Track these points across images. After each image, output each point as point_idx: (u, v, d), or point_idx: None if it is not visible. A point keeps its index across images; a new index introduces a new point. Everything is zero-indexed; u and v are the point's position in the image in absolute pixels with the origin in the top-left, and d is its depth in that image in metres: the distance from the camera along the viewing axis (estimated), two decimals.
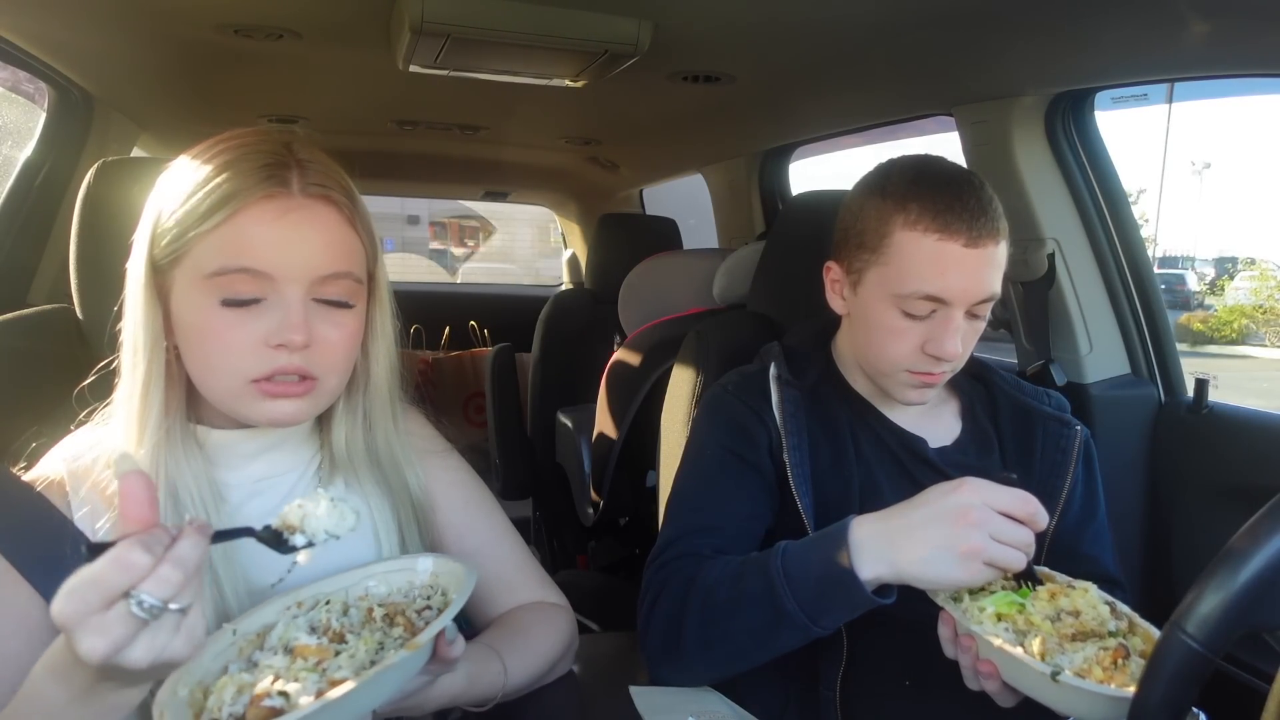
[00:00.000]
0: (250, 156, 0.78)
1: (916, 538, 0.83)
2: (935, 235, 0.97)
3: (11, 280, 1.75)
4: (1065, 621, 0.81)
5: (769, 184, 2.53)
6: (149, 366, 0.79)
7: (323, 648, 0.72)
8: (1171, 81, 1.33)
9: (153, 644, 0.57)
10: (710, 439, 1.12)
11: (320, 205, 0.80)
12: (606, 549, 2.34)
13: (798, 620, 0.88)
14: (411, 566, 0.85)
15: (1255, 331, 13.11)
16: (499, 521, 1.03)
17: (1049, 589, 0.85)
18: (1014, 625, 0.81)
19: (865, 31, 1.28)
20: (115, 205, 1.04)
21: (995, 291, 1.00)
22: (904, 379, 1.03)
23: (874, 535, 0.86)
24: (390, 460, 0.93)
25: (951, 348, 0.98)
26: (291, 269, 0.77)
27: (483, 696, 0.86)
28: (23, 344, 1.14)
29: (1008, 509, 0.81)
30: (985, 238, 0.97)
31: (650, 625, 1.02)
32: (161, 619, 0.57)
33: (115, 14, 1.35)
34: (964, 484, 0.83)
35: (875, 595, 0.85)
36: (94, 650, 0.55)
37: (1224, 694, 0.79)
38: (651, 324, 1.96)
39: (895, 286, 1.00)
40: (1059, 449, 1.11)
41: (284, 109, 2.13)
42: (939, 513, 0.83)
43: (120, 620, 0.56)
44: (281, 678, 0.66)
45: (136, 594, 0.56)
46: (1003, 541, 0.80)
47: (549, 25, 1.25)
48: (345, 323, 0.83)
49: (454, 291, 4.80)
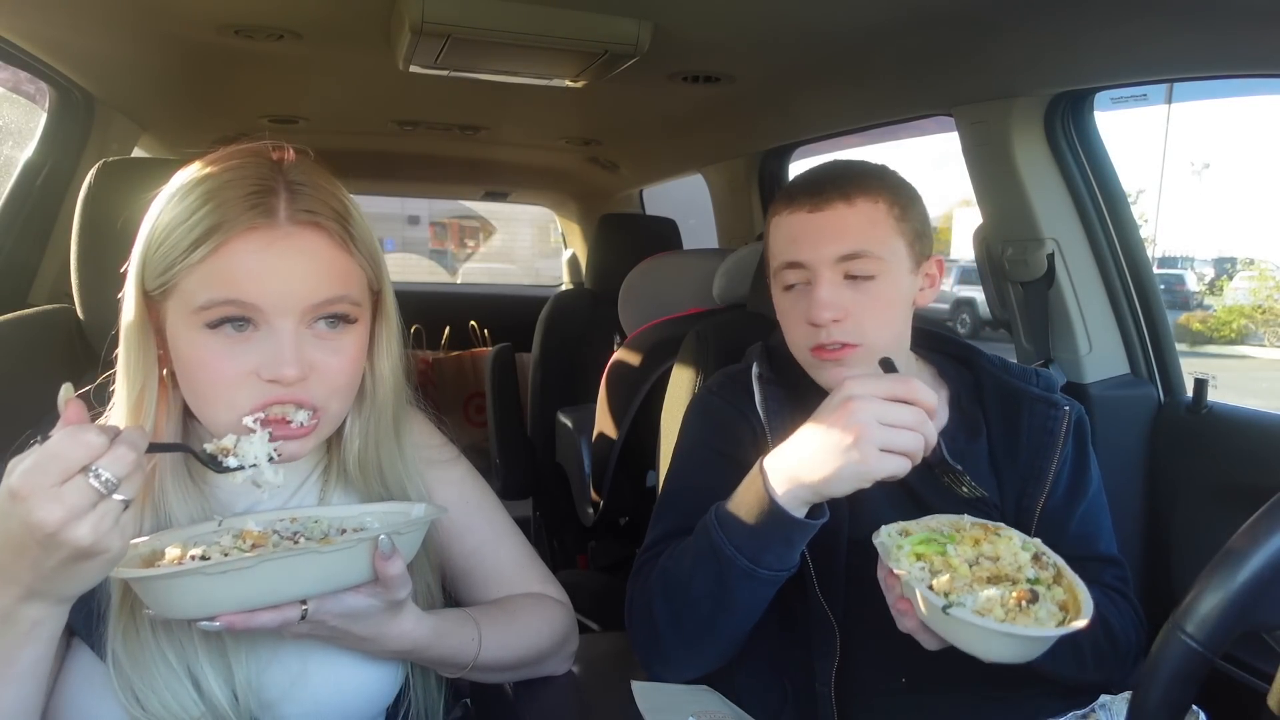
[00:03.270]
0: (236, 184, 0.76)
1: (810, 445, 0.86)
2: (785, 211, 1.05)
3: (12, 280, 1.75)
4: (983, 565, 0.83)
5: (769, 184, 2.53)
6: (141, 393, 0.79)
7: (264, 534, 0.76)
8: (1171, 81, 1.33)
9: (98, 525, 0.61)
10: (697, 439, 1.14)
11: (309, 232, 0.77)
12: (606, 549, 2.34)
13: (739, 564, 0.91)
14: (407, 511, 0.87)
15: (1254, 331, 13.11)
16: (500, 520, 1.03)
17: (972, 534, 0.87)
18: (931, 565, 0.83)
19: (865, 32, 1.28)
20: (116, 205, 1.04)
21: (860, 248, 1.00)
22: (812, 361, 1.05)
23: (780, 458, 0.90)
24: (393, 474, 0.93)
25: (819, 311, 1.00)
26: (280, 300, 0.75)
27: (451, 656, 0.87)
28: (23, 344, 1.14)
29: (889, 393, 0.84)
30: (832, 199, 1.01)
31: (631, 622, 1.04)
32: (108, 504, 0.62)
33: (116, 15, 1.36)
34: (843, 384, 0.86)
35: (808, 519, 0.88)
36: (49, 518, 0.60)
37: (1224, 694, 0.79)
38: (651, 324, 1.96)
39: (772, 268, 1.07)
40: (1045, 430, 1.10)
41: (284, 109, 2.13)
42: (823, 415, 0.86)
43: (77, 491, 0.60)
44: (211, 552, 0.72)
45: (95, 468, 0.61)
46: (890, 424, 0.82)
47: (549, 25, 1.26)
48: (344, 348, 0.81)
49: (454, 291, 4.80)
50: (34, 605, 0.67)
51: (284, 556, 0.70)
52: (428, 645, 0.84)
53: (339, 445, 0.91)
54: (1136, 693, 0.61)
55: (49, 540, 0.61)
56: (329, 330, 0.80)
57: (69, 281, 1.10)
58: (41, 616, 0.68)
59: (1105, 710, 1.02)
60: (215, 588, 0.68)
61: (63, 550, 0.62)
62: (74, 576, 0.65)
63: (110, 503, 0.62)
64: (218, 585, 0.68)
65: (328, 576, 0.73)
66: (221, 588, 0.68)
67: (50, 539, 0.61)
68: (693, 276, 2.01)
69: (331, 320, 0.80)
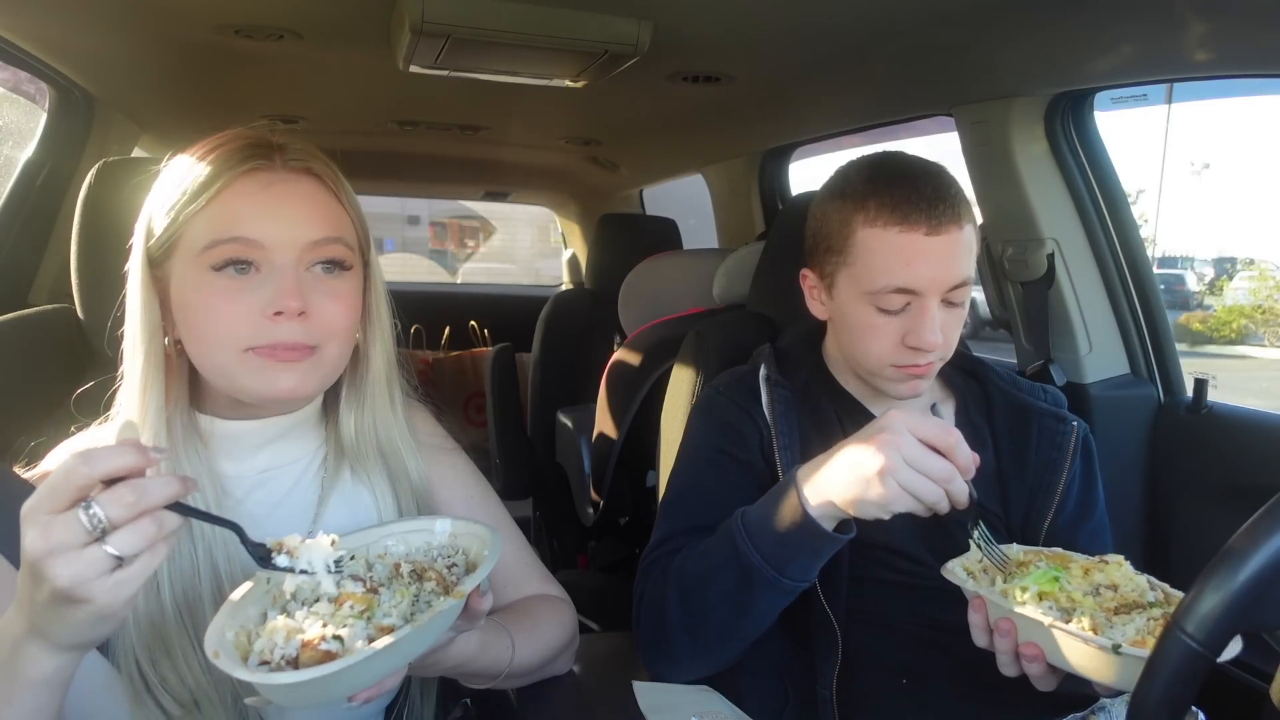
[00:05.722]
0: (233, 141, 0.82)
1: (840, 466, 0.85)
2: (896, 228, 0.97)
3: (12, 280, 1.75)
4: (1105, 596, 0.80)
5: (769, 184, 2.53)
6: (146, 359, 0.81)
7: (368, 595, 0.73)
8: (1171, 82, 1.33)
9: (79, 571, 0.57)
10: (703, 439, 1.13)
11: (303, 177, 0.83)
12: (607, 549, 2.34)
13: (765, 573, 0.90)
14: (429, 528, 0.85)
15: (1254, 331, 13.10)
16: (502, 518, 1.03)
17: (1081, 564, 0.84)
18: (1056, 603, 0.79)
19: (865, 31, 1.28)
20: (116, 205, 1.05)
21: (967, 276, 1.00)
22: (891, 374, 1.04)
23: (812, 471, 0.89)
24: (390, 447, 0.94)
25: (930, 338, 0.98)
26: (281, 235, 0.80)
27: (490, 667, 0.87)
28: (23, 344, 1.14)
29: (927, 437, 0.82)
30: (947, 223, 0.97)
31: (640, 620, 1.03)
32: (94, 551, 0.57)
33: (116, 14, 1.35)
34: (888, 413, 0.85)
35: (836, 533, 0.87)
36: (32, 547, 0.57)
37: (1224, 694, 0.79)
38: (651, 324, 1.96)
39: (865, 284, 1.01)
40: (1054, 445, 1.11)
41: (284, 109, 2.13)
42: (861, 439, 0.85)
43: (64, 525, 0.57)
44: (329, 624, 0.67)
45: (89, 503, 0.57)
46: (918, 469, 0.80)
47: (549, 25, 1.26)
48: (341, 292, 0.84)
49: (454, 291, 4.79)
50: (34, 643, 0.63)
51: (428, 622, 0.68)
52: (472, 659, 0.84)
53: (335, 420, 0.93)
54: (1136, 693, 0.61)
55: (34, 571, 0.58)
56: (325, 275, 0.84)
57: (69, 281, 1.10)
58: (38, 656, 0.63)
59: (1105, 712, 1.02)
60: (366, 669, 0.64)
61: (45, 586, 0.58)
62: (64, 621, 0.60)
63: (97, 551, 0.57)
64: (369, 666, 0.64)
65: (444, 629, 0.74)
66: (373, 667, 0.65)
67: (34, 569, 0.58)
68: (693, 276, 2.01)
69: (328, 265, 0.84)
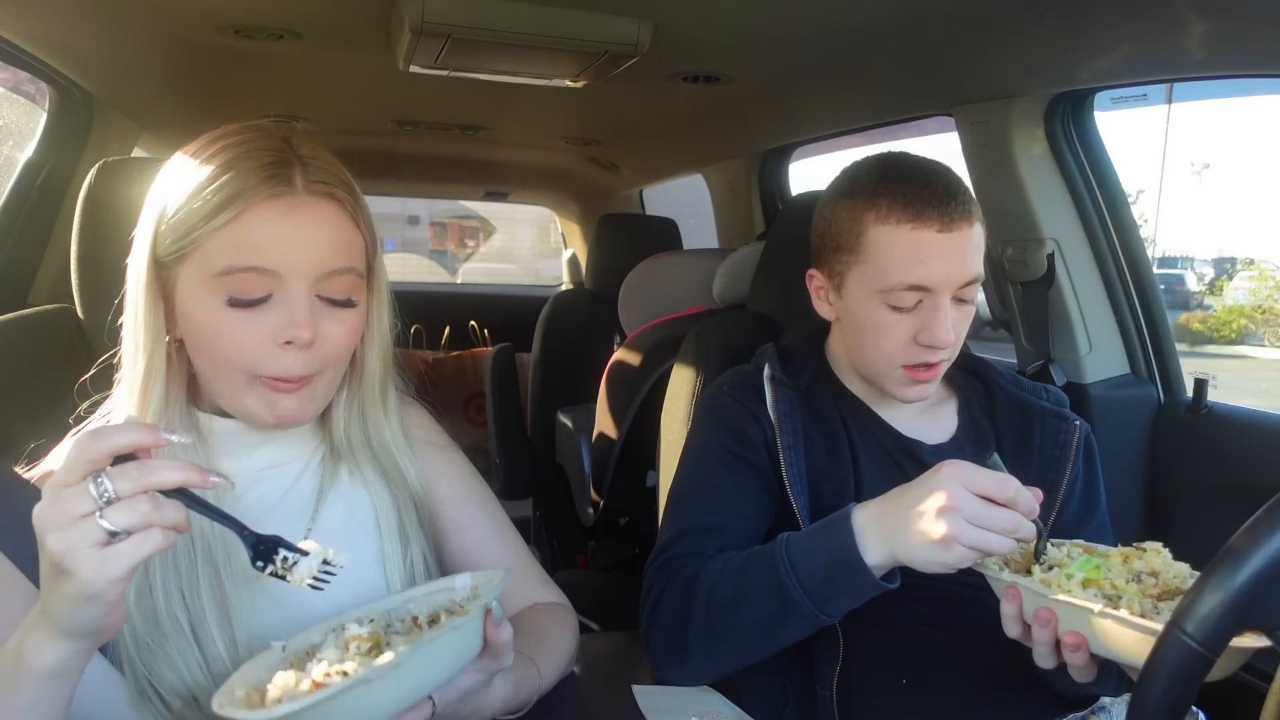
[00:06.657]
0: (253, 154, 0.79)
1: (904, 523, 0.84)
2: (909, 225, 0.98)
3: (12, 280, 1.75)
4: (1147, 583, 0.80)
5: (769, 184, 2.53)
6: (150, 361, 0.80)
7: (375, 634, 0.72)
8: (1171, 82, 1.33)
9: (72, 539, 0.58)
10: (709, 439, 1.13)
11: (324, 202, 0.81)
12: (607, 549, 2.34)
13: (805, 609, 0.89)
14: (450, 585, 0.84)
15: (1254, 331, 13.10)
16: (500, 519, 1.03)
17: (1120, 552, 0.84)
18: (1101, 591, 0.79)
19: (865, 32, 1.28)
20: (116, 205, 1.05)
21: (978, 273, 1.00)
22: (900, 376, 1.03)
23: (873, 521, 0.88)
24: (384, 449, 0.94)
25: (944, 335, 0.98)
26: (298, 265, 0.79)
27: (524, 701, 0.87)
28: (23, 344, 1.14)
29: (986, 492, 0.81)
30: (959, 220, 0.97)
31: (654, 625, 1.02)
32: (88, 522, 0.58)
33: (116, 14, 1.35)
34: (942, 468, 0.83)
35: (882, 580, 0.87)
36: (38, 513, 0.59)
37: (1224, 694, 0.79)
38: (651, 324, 1.96)
39: (878, 282, 1.00)
40: (1057, 444, 1.11)
41: (284, 109, 2.13)
42: (919, 498, 0.83)
43: (73, 494, 0.59)
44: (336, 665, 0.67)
45: (99, 475, 0.59)
46: (981, 526, 0.80)
47: (549, 25, 1.25)
48: (348, 319, 0.84)
49: (454, 291, 4.79)
50: (41, 627, 0.63)
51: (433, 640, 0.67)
52: (509, 699, 0.83)
53: (330, 420, 0.92)
54: (1136, 693, 0.61)
55: (39, 540, 0.60)
56: (334, 305, 0.83)
57: (69, 281, 1.10)
58: (43, 642, 0.63)
59: (1105, 712, 1.02)
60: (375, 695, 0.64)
61: (46, 555, 0.59)
62: (58, 594, 0.60)
63: (91, 521, 0.58)
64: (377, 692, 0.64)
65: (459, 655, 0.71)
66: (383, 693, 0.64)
67: (39, 538, 0.60)
68: (693, 276, 2.01)
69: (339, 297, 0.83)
